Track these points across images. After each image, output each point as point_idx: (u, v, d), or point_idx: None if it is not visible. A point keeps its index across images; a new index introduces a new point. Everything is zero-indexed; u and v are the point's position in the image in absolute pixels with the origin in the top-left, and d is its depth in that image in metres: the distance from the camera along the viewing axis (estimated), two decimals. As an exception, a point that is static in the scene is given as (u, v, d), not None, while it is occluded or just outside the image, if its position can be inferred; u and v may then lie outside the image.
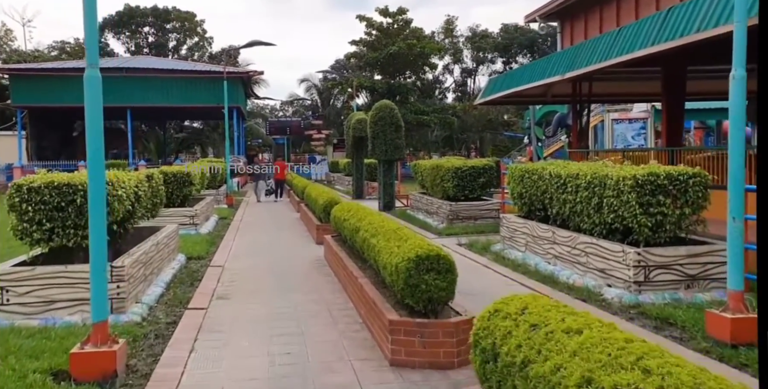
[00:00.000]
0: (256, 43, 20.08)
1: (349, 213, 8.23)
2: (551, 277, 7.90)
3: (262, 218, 17.37)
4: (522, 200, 9.57)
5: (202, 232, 13.08)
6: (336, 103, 52.09)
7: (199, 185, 14.47)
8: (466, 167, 13.27)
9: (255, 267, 9.41)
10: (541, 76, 13.79)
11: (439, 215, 13.93)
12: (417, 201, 16.39)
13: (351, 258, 7.66)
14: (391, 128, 17.95)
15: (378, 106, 18.20)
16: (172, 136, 48.12)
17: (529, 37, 47.95)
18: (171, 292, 7.54)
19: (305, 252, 10.90)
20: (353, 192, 24.15)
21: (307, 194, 15.50)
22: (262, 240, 12.62)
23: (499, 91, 16.90)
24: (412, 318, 4.84)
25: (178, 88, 31.76)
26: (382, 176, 18.25)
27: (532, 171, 9.20)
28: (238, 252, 10.96)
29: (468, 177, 13.27)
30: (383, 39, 37.96)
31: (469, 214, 13.27)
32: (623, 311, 6.31)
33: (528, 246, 9.20)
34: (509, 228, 9.92)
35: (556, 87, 17.29)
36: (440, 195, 14.07)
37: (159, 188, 9.45)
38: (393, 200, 18.42)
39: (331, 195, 12.29)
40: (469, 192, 13.35)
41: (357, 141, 23.34)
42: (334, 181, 35.80)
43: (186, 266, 9.39)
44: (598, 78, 16.21)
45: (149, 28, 51.15)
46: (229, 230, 14.10)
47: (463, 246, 10.99)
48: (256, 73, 32.01)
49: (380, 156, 17.98)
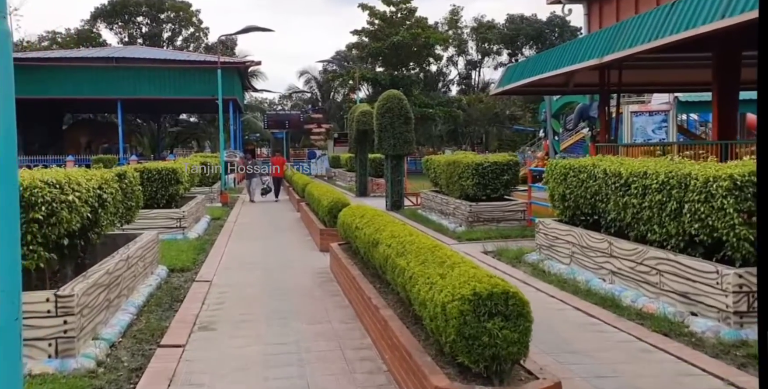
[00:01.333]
0: (252, 28, 18.58)
1: (363, 220, 6.75)
2: (611, 299, 6.43)
3: (259, 219, 15.88)
4: (565, 203, 8.09)
5: (190, 237, 11.60)
6: (336, 96, 50.54)
7: (187, 183, 12.98)
8: (487, 163, 11.78)
9: (248, 283, 7.93)
10: (571, 60, 12.25)
11: (456, 216, 12.45)
12: (429, 200, 14.90)
13: (366, 277, 6.19)
14: (400, 120, 16.46)
15: (385, 96, 16.69)
16: (166, 130, 46.55)
17: (536, 28, 46.40)
18: (143, 320, 6.07)
19: (307, 261, 9.41)
20: (356, 189, 22.66)
21: (309, 193, 14.02)
22: (257, 246, 11.13)
23: (518, 80, 15.39)
24: (468, 384, 3.36)
25: (171, 79, 30.21)
26: (390, 172, 16.77)
27: (579, 168, 7.71)
28: (230, 261, 9.48)
29: (490, 174, 11.79)
30: (386, 29, 36.38)
31: (492, 216, 11.80)
32: (725, 352, 4.84)
33: (574, 258, 7.72)
34: (548, 235, 8.44)
35: (579, 76, 15.81)
36: (457, 194, 12.59)
37: (134, 189, 7.96)
38: (402, 199, 16.95)
39: (336, 196, 10.81)
40: (491, 191, 11.87)
41: (361, 135, 21.84)
42: (335, 177, 34.30)
43: (167, 281, 7.91)
44: (629, 65, 14.73)
45: (143, 18, 49.44)
46: (222, 233, 12.62)
47: (491, 254, 9.51)
48: (254, 63, 30.47)
49: (388, 150, 16.49)
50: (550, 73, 13.60)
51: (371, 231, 6.04)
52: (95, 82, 29.77)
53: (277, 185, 21.84)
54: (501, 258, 9.21)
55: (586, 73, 15.42)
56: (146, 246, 7.58)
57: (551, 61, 13.77)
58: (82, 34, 46.89)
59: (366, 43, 38.04)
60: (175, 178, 11.83)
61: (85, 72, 29.83)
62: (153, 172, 11.68)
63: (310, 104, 51.35)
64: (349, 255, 7.58)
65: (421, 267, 4.18)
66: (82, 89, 29.86)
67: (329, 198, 10.71)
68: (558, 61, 13.25)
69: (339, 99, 49.93)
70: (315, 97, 51.94)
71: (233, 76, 31.09)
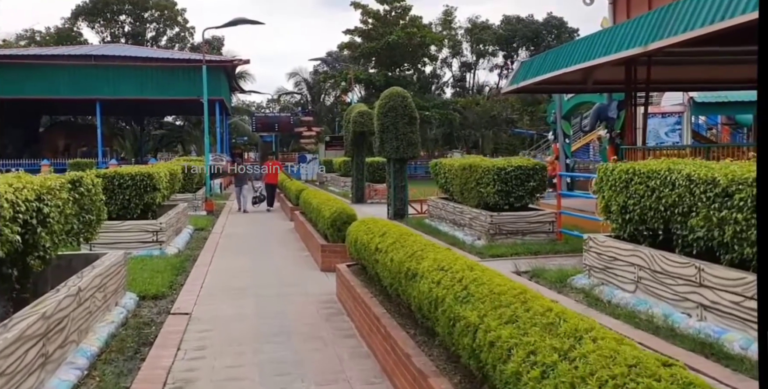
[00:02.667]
0: (241, 21, 17.04)
1: (385, 240, 5.24)
2: (711, 345, 4.95)
3: (248, 229, 14.29)
4: (625, 215, 6.61)
5: (168, 253, 10.00)
6: (327, 98, 48.99)
7: (166, 190, 11.38)
8: (511, 167, 10.31)
9: (237, 317, 6.37)
10: (602, 52, 10.80)
11: (474, 228, 10.96)
12: (438, 208, 13.40)
13: (393, 317, 4.67)
14: (404, 120, 14.97)
15: (388, 93, 15.20)
16: (150, 134, 44.75)
17: (532, 29, 45.19)
18: (95, 378, 4.51)
19: (308, 285, 7.86)
20: (352, 195, 21.12)
21: (305, 201, 12.48)
22: (247, 263, 9.56)
23: (535, 76, 13.97)
24: None
25: (154, 78, 28.52)
26: (393, 178, 15.26)
27: (648, 173, 6.24)
28: (215, 285, 7.91)
29: (514, 180, 10.31)
30: (380, 28, 34.95)
31: (516, 228, 10.32)
32: None
33: (641, 285, 6.24)
34: (602, 255, 6.95)
35: (600, 72, 14.44)
36: (474, 202, 11.10)
37: (94, 198, 6.38)
38: (405, 206, 15.45)
39: (338, 205, 9.28)
40: (515, 199, 10.39)
41: (358, 137, 20.32)
42: (327, 182, 32.74)
43: (135, 314, 6.34)
44: (659, 61, 13.38)
45: (126, 16, 47.54)
46: (206, 248, 11.02)
47: (525, 275, 8.02)
48: (242, 62, 28.85)
49: (390, 154, 14.99)
50: (573, 67, 12.15)
51: (403, 258, 4.51)
52: (72, 81, 28.01)
53: (272, 193, 19.36)
54: (540, 280, 7.71)
55: (607, 69, 14.02)
56: (108, 271, 6.00)
57: (575, 54, 12.30)
58: (62, 32, 44.95)
59: (359, 43, 36.58)
60: (151, 185, 10.24)
61: (62, 71, 28.06)
62: (125, 177, 10.08)
63: (300, 107, 49.74)
64: (364, 281, 6.06)
65: (513, 330, 2.66)
66: (58, 89, 28.09)
67: (331, 208, 9.18)
68: (584, 53, 11.79)
69: (330, 101, 48.40)
70: (305, 99, 50.33)
71: (220, 76, 29.47)
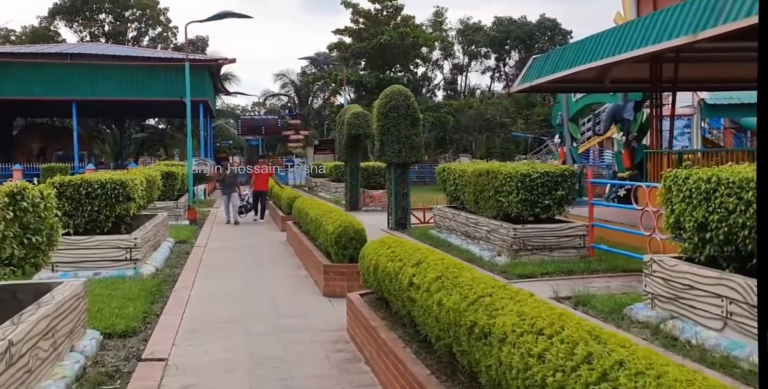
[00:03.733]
0: (227, 14, 15.71)
1: (425, 274, 3.96)
2: None
3: (235, 242, 12.92)
4: (704, 234, 5.39)
5: (144, 272, 8.63)
6: (316, 101, 47.64)
7: (142, 199, 9.99)
8: (536, 174, 9.08)
9: (225, 366, 5.04)
10: (639, 42, 9.59)
11: (492, 242, 9.72)
12: (446, 218, 12.14)
13: (439, 377, 3.38)
14: (407, 121, 13.74)
15: (389, 92, 13.95)
16: (131, 137, 43.09)
17: (526, 30, 44.22)
18: None
19: (310, 316, 6.53)
20: (346, 202, 19.81)
21: (300, 210, 11.16)
22: (235, 287, 8.21)
23: (551, 73, 12.80)
24: None
25: (134, 78, 26.99)
26: (394, 184, 14.00)
27: (740, 183, 5.01)
28: (197, 317, 6.56)
29: (540, 188, 9.08)
30: (371, 28, 33.71)
31: (542, 243, 9.08)
32: None
33: (731, 321, 5.00)
34: (673, 282, 5.71)
35: (618, 71, 13.35)
36: (492, 212, 9.85)
37: (44, 215, 5.04)
38: (407, 215, 14.19)
39: (343, 218, 7.97)
40: (541, 210, 9.16)
41: (352, 140, 19.02)
42: (316, 188, 31.38)
43: (97, 361, 5.01)
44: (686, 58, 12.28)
45: (106, 15, 45.79)
46: (187, 266, 9.65)
47: (567, 302, 6.78)
48: (227, 61, 27.42)
49: (391, 158, 13.74)
50: (598, 62, 10.98)
51: (461, 304, 3.23)
52: (47, 81, 26.39)
53: (262, 202, 16.99)
54: (588, 309, 6.47)
55: (627, 67, 12.90)
56: (61, 309, 4.66)
57: (599, 48, 11.11)
58: (38, 31, 43.08)
59: (349, 44, 35.31)
60: (124, 194, 8.87)
61: (36, 70, 26.44)
62: (94, 185, 8.71)
63: (287, 110, 48.30)
64: (387, 319, 4.78)
65: None
66: (32, 89, 26.47)
67: (334, 221, 7.87)
68: (610, 47, 10.62)
69: (318, 104, 47.06)
70: (292, 102, 48.89)
71: (204, 76, 28.02)
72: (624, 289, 7.26)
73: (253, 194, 16.85)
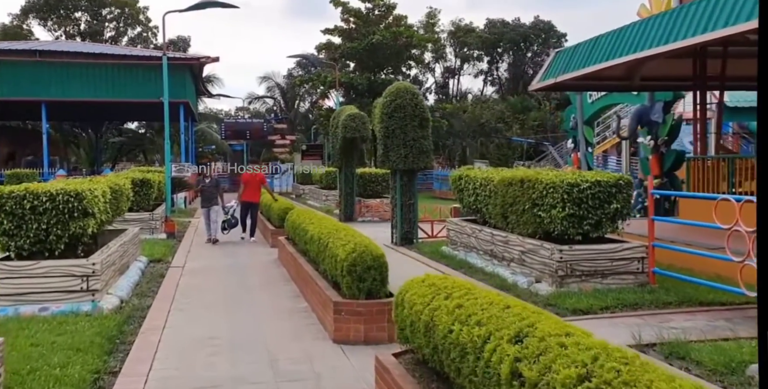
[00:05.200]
0: (210, 3, 14.03)
1: (552, 364, 2.30)
2: None
3: (217, 261, 11.19)
4: None
5: (105, 306, 6.92)
6: (303, 104, 45.92)
7: (105, 213, 8.23)
8: (586, 183, 7.51)
9: None
10: (693, 29, 8.06)
11: (529, 265, 8.13)
12: (464, 234, 10.53)
13: None
14: (414, 122, 12.16)
15: (394, 89, 12.36)
16: (108, 141, 41.01)
17: (520, 32, 42.94)
18: None
19: (322, 379, 4.84)
20: (341, 211, 18.17)
21: (295, 225, 9.48)
22: (220, 328, 6.47)
23: (579, 68, 11.27)
24: None
25: (109, 78, 25.08)
26: (399, 193, 12.39)
27: None
28: (169, 380, 4.85)
29: (590, 200, 7.51)
30: (362, 27, 32.13)
31: (594, 268, 7.51)
32: None
33: None
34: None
35: (649, 67, 11.93)
36: (528, 229, 8.26)
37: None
38: (415, 229, 12.57)
39: (358, 240, 6.30)
40: (592, 227, 7.58)
41: (348, 144, 17.41)
42: (304, 195, 29.65)
43: None
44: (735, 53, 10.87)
45: (82, 13, 43.65)
46: (160, 296, 7.92)
47: (656, 353, 5.18)
48: (210, 60, 25.63)
49: (397, 164, 12.15)
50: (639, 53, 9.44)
51: None
52: (14, 80, 24.38)
53: (252, 216, 13.61)
54: (687, 364, 4.87)
55: (660, 63, 11.51)
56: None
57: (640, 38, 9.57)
58: (10, 30, 40.81)
59: (338, 44, 33.69)
60: (80, 208, 7.13)
61: (1, 68, 24.47)
62: (42, 197, 6.97)
63: (273, 114, 46.49)
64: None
65: None
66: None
67: (346, 243, 6.21)
68: (655, 36, 9.08)
69: (305, 108, 45.35)
70: (278, 105, 47.07)
71: (185, 76, 26.20)
72: (718, 332, 5.69)
73: (241, 206, 13.61)
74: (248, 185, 13.53)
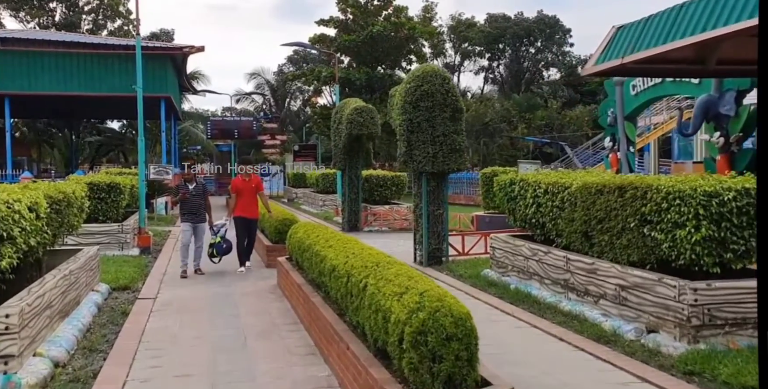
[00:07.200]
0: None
1: None
2: None
3: (199, 291, 8.78)
4: None
5: (26, 381, 4.52)
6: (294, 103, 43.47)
7: (34, 235, 5.77)
8: (731, 193, 5.25)
9: None
10: None
11: (636, 307, 5.83)
12: (518, 255, 8.21)
13: None
14: (445, 113, 9.90)
15: (420, 73, 10.05)
16: (83, 140, 38.34)
17: (524, 27, 40.81)
18: None
19: None
20: (344, 219, 15.84)
21: (304, 246, 7.12)
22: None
23: (653, 46, 9.04)
24: None
25: (81, 69, 22.56)
26: (425, 201, 10.07)
27: None
28: None
29: (736, 216, 5.25)
30: (361, 19, 29.82)
31: (743, 314, 5.23)
32: None
33: None
34: None
35: (727, 48, 9.77)
36: (632, 255, 5.97)
37: None
38: (444, 245, 10.24)
39: (426, 288, 3.92)
40: (737, 256, 5.32)
41: (353, 141, 15.08)
42: (297, 199, 27.26)
43: None
44: None
45: (57, 3, 40.85)
46: (116, 350, 5.49)
47: None
48: (194, 49, 23.07)
49: (423, 164, 9.85)
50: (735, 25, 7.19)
51: None
52: (-27, 72, 21.81)
53: (250, 237, 10.13)
54: None
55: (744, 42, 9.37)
56: None
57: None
58: (-22, 21, 38.16)
59: (333, 37, 31.34)
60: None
61: (-40, 58, 21.87)
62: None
63: (262, 112, 43.98)
64: None
65: None
66: (-45, 81, 21.87)
67: (406, 293, 3.86)
68: None
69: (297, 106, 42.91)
70: (268, 103, 44.56)
71: (166, 68, 23.71)
72: None
73: (236, 223, 9.89)
74: (242, 194, 9.86)
